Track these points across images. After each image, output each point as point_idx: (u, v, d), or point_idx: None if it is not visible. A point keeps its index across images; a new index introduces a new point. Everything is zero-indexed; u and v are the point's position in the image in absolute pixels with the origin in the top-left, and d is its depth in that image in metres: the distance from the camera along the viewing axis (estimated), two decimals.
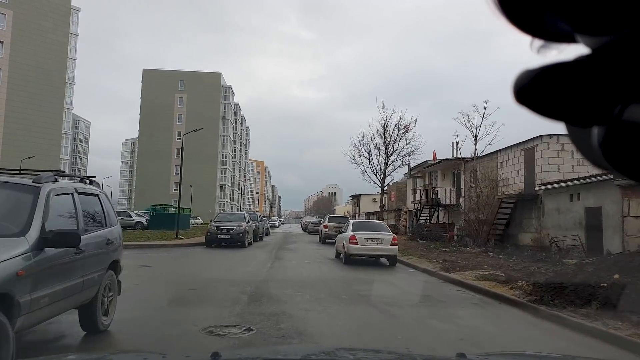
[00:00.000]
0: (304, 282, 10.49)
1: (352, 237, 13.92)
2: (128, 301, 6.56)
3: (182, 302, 7.58)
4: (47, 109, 49.96)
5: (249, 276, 11.14)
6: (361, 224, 15.80)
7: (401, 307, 7.78)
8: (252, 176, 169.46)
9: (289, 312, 6.88)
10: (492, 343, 5.73)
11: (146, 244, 19.93)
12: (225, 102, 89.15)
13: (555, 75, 0.38)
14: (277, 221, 77.86)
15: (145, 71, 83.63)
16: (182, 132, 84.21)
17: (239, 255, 17.31)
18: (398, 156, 39.07)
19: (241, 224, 21.53)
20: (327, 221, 26.21)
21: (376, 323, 6.72)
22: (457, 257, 15.70)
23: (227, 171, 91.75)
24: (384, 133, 38.91)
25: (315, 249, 21.84)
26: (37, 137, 48.89)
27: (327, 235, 25.89)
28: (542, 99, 0.39)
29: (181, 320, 6.19)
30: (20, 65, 48.56)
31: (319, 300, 8.01)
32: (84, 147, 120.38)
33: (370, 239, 13.83)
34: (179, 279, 10.72)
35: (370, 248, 13.78)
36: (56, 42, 51.68)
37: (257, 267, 13.33)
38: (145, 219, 37.87)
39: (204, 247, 20.93)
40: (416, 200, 36.07)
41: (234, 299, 7.80)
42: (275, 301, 7.83)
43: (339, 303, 8.03)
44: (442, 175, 31.85)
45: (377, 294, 8.84)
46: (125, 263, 6.44)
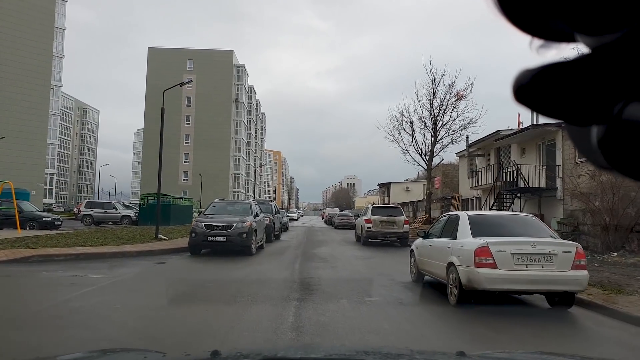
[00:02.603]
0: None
1: (481, 250, 6.07)
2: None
3: None
4: (30, 85, 43.01)
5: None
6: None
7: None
8: (270, 167, 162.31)
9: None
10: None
11: (95, 253, 12.42)
12: (238, 83, 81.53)
13: (554, 75, 0.38)
14: (297, 213, 70.29)
15: (151, 50, 76.48)
16: (191, 116, 77.37)
17: (233, 279, 9.62)
18: (448, 131, 31.01)
19: (245, 219, 13.85)
20: (371, 213, 18.37)
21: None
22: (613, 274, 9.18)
23: (241, 159, 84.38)
24: (432, 101, 30.81)
25: (360, 257, 14.05)
26: (19, 117, 41.99)
27: (371, 234, 18.09)
28: (542, 98, 0.39)
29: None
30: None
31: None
32: (92, 136, 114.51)
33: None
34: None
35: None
36: (41, 9, 44.61)
37: (262, 337, 5.56)
38: (134, 211, 30.56)
39: (189, 255, 13.41)
40: (477, 185, 27.91)
41: None
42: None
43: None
44: (521, 150, 23.60)
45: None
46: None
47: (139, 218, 28.76)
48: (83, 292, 7.36)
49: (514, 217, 7.81)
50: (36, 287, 7.91)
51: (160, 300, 6.96)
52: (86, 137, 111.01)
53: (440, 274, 7.39)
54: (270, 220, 18.70)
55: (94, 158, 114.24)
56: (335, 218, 39.73)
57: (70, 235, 17.33)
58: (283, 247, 17.42)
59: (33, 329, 5.13)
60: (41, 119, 44.80)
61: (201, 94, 75.62)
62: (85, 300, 6.78)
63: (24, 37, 42.88)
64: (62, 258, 11.50)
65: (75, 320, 5.64)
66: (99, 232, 19.90)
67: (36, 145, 43.71)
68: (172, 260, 12.28)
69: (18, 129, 41.44)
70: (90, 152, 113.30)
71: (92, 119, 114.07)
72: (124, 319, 5.79)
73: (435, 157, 31.67)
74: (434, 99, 30.66)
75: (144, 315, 5.97)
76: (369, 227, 18.03)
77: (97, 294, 7.19)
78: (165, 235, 18.38)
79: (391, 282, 9.08)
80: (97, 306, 6.37)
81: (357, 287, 8.38)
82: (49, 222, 22.45)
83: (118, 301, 6.77)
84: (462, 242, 6.76)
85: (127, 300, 6.85)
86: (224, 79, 77.20)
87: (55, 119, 48.83)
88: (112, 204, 31.88)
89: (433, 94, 30.64)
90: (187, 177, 75.68)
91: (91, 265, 10.59)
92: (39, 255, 11.45)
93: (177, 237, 18.54)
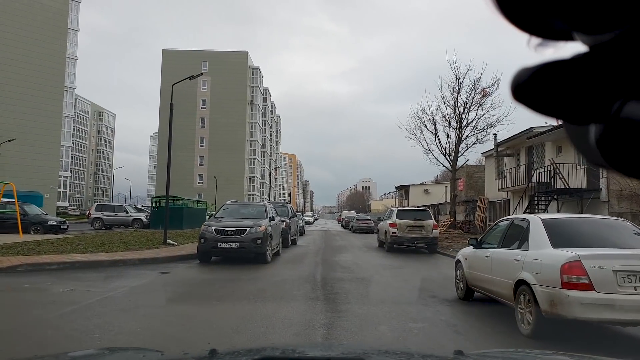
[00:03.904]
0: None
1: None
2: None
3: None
4: (43, 87, 42.45)
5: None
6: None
7: None
8: (284, 169, 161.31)
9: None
10: None
11: (92, 261, 11.14)
12: (253, 85, 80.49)
13: (552, 73, 0.38)
14: (312, 217, 68.87)
15: (165, 52, 75.98)
16: (206, 118, 76.55)
17: (244, 295, 8.20)
18: (473, 130, 29.30)
19: (259, 223, 12.45)
20: (396, 217, 16.81)
21: None
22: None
23: (256, 162, 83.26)
24: (456, 97, 29.14)
25: (388, 267, 12.54)
26: (32, 119, 41.43)
27: (396, 240, 16.54)
28: (540, 97, 0.39)
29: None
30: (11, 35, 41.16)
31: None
32: (108, 140, 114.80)
33: None
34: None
35: None
36: (54, 10, 44.11)
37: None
38: (145, 215, 29.46)
39: (197, 262, 12.09)
40: (506, 186, 26.12)
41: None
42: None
43: None
44: (556, 148, 21.81)
45: None
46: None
47: (151, 221, 27.65)
48: (61, 313, 6.02)
49: (601, 222, 6.20)
50: (3, 307, 6.58)
51: (153, 324, 5.58)
52: (102, 140, 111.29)
53: (504, 294, 5.85)
54: (286, 224, 17.30)
55: (110, 161, 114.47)
56: (353, 222, 38.20)
57: (73, 240, 16.18)
58: (301, 253, 15.98)
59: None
60: (54, 121, 44.21)
61: (216, 96, 74.86)
62: (57, 325, 5.43)
63: (37, 38, 42.36)
64: (55, 267, 10.24)
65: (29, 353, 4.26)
66: (105, 236, 18.73)
67: (49, 148, 43.08)
68: (178, 269, 10.93)
69: (31, 131, 40.84)
70: (107, 156, 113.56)
71: (108, 122, 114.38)
72: None
73: (460, 157, 30.00)
74: (459, 95, 29.02)
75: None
76: (394, 232, 16.49)
77: (76, 317, 5.83)
78: (175, 240, 17.14)
79: (434, 299, 7.55)
80: (70, 335, 4.99)
81: (394, 307, 6.87)
82: (54, 226, 21.41)
83: (100, 327, 5.39)
84: (538, 254, 5.22)
85: (111, 325, 5.46)
86: (239, 81, 76.33)
87: (69, 121, 48.25)
88: (122, 206, 30.83)
89: (457, 90, 28.99)
90: (202, 179, 74.92)
91: (85, 276, 9.29)
92: (29, 263, 10.21)
93: (188, 242, 17.27)
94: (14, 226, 18.94)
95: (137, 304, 6.76)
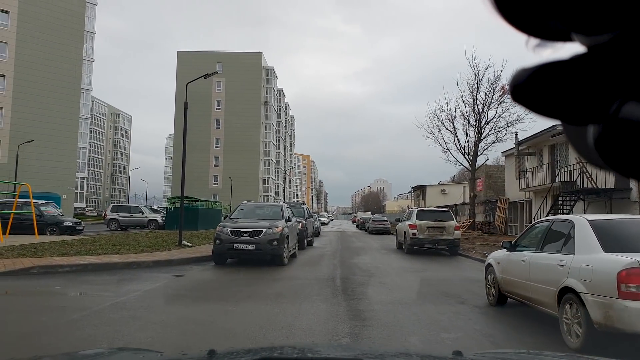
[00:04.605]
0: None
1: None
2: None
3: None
4: (60, 89, 42.81)
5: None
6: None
7: None
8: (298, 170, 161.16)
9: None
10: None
11: (106, 264, 10.87)
12: (267, 85, 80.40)
13: (551, 74, 0.38)
14: (327, 217, 68.41)
15: (180, 54, 76.30)
16: (221, 119, 76.64)
17: (262, 301, 7.79)
18: (493, 128, 28.58)
19: (276, 224, 12.07)
20: (416, 218, 16.26)
21: None
22: None
23: (271, 162, 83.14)
24: (475, 95, 28.45)
25: (410, 270, 12.04)
26: (49, 120, 41.81)
27: (416, 242, 16.01)
28: (538, 97, 0.39)
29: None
30: (29, 38, 41.62)
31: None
32: (125, 141, 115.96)
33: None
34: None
35: None
36: (71, 12, 44.48)
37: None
38: (161, 215, 29.35)
39: (213, 264, 11.77)
40: (527, 186, 25.36)
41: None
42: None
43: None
44: None
45: None
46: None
47: (166, 222, 27.51)
48: (69, 319, 5.69)
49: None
50: (11, 312, 6.28)
51: (165, 333, 5.21)
52: (119, 142, 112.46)
53: (545, 302, 5.34)
54: (302, 225, 16.90)
55: (126, 163, 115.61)
56: (369, 222, 37.64)
57: (88, 242, 16.01)
58: (317, 255, 15.56)
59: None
60: (72, 123, 44.58)
61: (230, 97, 74.96)
62: (64, 333, 5.09)
63: (54, 40, 42.76)
64: (67, 269, 9.98)
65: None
66: (120, 237, 18.56)
67: (66, 149, 43.44)
68: (193, 272, 10.59)
69: (48, 132, 41.21)
70: (123, 157, 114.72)
71: (124, 124, 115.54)
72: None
73: (479, 156, 29.30)
74: (478, 93, 28.33)
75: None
76: (414, 234, 15.95)
77: (84, 324, 5.49)
78: (190, 241, 16.88)
79: (463, 306, 7.06)
80: (76, 345, 4.64)
81: (423, 315, 6.40)
82: (70, 227, 21.35)
83: (109, 335, 5.03)
84: (588, 259, 4.71)
85: (120, 334, 5.10)
86: (253, 82, 76.33)
87: (85, 122, 48.63)
88: (138, 207, 30.76)
89: (477, 87, 28.34)
90: (217, 180, 75.05)
91: (97, 279, 9.00)
92: (42, 265, 9.97)
93: (203, 243, 17.00)
94: (30, 227, 18.89)
95: (149, 310, 6.40)
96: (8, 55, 41.13)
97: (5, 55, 40.98)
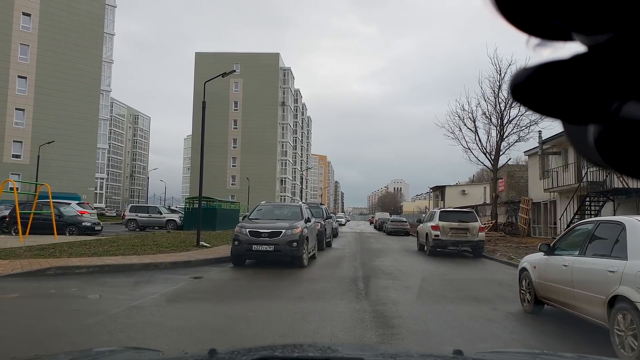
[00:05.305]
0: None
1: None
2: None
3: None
4: (80, 91, 43.33)
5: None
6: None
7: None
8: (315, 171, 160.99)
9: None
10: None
11: (123, 265, 10.71)
12: (284, 86, 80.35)
13: (551, 73, 0.39)
14: (344, 218, 67.95)
15: (198, 55, 76.76)
16: (238, 120, 76.85)
17: (283, 305, 7.48)
18: (516, 127, 27.84)
19: (295, 224, 11.76)
20: (439, 219, 15.78)
21: None
22: None
23: (288, 163, 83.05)
24: (497, 93, 27.76)
25: (435, 273, 11.60)
26: (69, 121, 42.34)
27: (439, 243, 15.54)
28: (539, 97, 0.39)
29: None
30: (50, 40, 42.21)
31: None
32: (144, 142, 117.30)
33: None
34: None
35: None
36: (91, 15, 45.00)
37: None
38: (179, 216, 29.35)
39: (231, 266, 11.52)
40: (552, 187, 24.60)
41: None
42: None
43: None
44: None
45: None
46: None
47: (184, 222, 27.47)
48: (83, 324, 5.45)
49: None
50: (24, 315, 6.07)
51: (181, 341, 4.92)
52: (138, 143, 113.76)
53: (593, 312, 4.90)
54: (321, 226, 16.58)
55: (145, 164, 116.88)
56: (388, 223, 37.10)
57: (106, 242, 15.95)
58: (337, 257, 15.21)
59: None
60: (91, 124, 45.09)
61: (248, 97, 75.10)
62: (76, 339, 4.83)
63: (74, 42, 43.31)
64: (84, 271, 9.82)
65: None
66: (138, 237, 18.49)
67: (86, 150, 43.95)
68: (211, 273, 10.34)
69: (68, 133, 41.74)
70: (142, 158, 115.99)
71: (143, 125, 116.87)
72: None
73: (501, 155, 28.57)
74: (500, 91, 27.63)
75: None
76: (437, 235, 15.47)
77: (98, 330, 5.24)
78: (208, 241, 16.70)
79: (496, 312, 6.62)
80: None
81: (454, 322, 6.00)
82: (89, 227, 21.40)
83: (123, 343, 4.76)
84: None
85: (135, 341, 4.83)
86: (271, 82, 76.35)
87: (104, 123, 49.19)
88: (156, 207, 30.81)
89: (498, 85, 27.66)
90: (234, 181, 75.28)
91: (114, 281, 8.80)
92: (59, 266, 9.83)
93: (221, 243, 16.82)
94: (50, 227, 18.97)
95: (165, 315, 6.14)
96: (30, 57, 41.81)
97: (27, 58, 41.66)
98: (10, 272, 9.10)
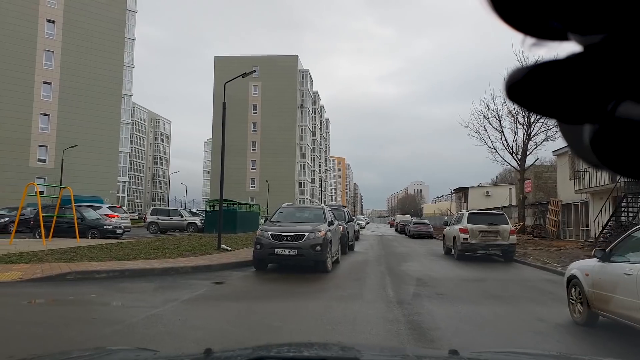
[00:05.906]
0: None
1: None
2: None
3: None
4: (102, 95, 43.86)
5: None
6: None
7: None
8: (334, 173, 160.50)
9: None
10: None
11: (143, 269, 10.43)
12: (303, 88, 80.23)
13: (547, 73, 0.39)
14: (364, 220, 67.30)
15: (217, 59, 77.25)
16: (257, 123, 77.04)
17: (310, 314, 7.06)
18: (543, 125, 26.92)
19: (318, 227, 11.33)
20: (467, 221, 15.15)
21: None
22: None
23: (307, 165, 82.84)
24: None
25: (467, 279, 11.02)
26: (92, 125, 42.86)
27: (467, 247, 14.92)
28: (534, 96, 0.39)
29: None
30: (73, 46, 42.86)
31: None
32: (165, 146, 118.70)
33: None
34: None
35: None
36: (112, 20, 45.56)
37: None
38: (200, 218, 29.24)
39: (253, 270, 11.16)
40: (584, 187, 23.63)
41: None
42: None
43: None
44: None
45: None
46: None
47: (205, 225, 27.33)
48: (98, 335, 5.12)
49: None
50: (40, 324, 5.77)
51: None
52: (159, 147, 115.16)
53: None
54: (344, 229, 16.12)
55: (166, 167, 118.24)
56: (410, 226, 36.39)
57: (127, 245, 15.78)
58: (361, 261, 14.73)
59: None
60: (113, 128, 45.57)
61: (267, 100, 75.20)
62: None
63: (96, 47, 43.86)
64: (104, 275, 9.58)
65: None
66: (159, 241, 18.33)
67: (108, 154, 44.41)
68: (233, 279, 9.99)
69: (90, 137, 42.22)
70: (163, 162, 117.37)
71: (164, 129, 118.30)
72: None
73: (529, 155, 27.66)
74: None
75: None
76: (465, 238, 14.85)
77: (114, 341, 4.89)
78: (229, 244, 16.44)
79: (543, 324, 6.06)
80: None
81: (498, 335, 5.49)
82: (111, 230, 21.37)
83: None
84: None
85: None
86: (289, 85, 76.31)
87: (126, 127, 49.68)
88: (177, 210, 30.77)
89: None
90: (254, 184, 75.39)
91: (134, 287, 8.51)
92: (79, 271, 9.61)
93: (242, 246, 16.51)
94: (72, 230, 18.99)
95: (186, 325, 5.77)
96: (54, 63, 42.49)
97: (52, 64, 42.35)
98: (31, 277, 8.92)
